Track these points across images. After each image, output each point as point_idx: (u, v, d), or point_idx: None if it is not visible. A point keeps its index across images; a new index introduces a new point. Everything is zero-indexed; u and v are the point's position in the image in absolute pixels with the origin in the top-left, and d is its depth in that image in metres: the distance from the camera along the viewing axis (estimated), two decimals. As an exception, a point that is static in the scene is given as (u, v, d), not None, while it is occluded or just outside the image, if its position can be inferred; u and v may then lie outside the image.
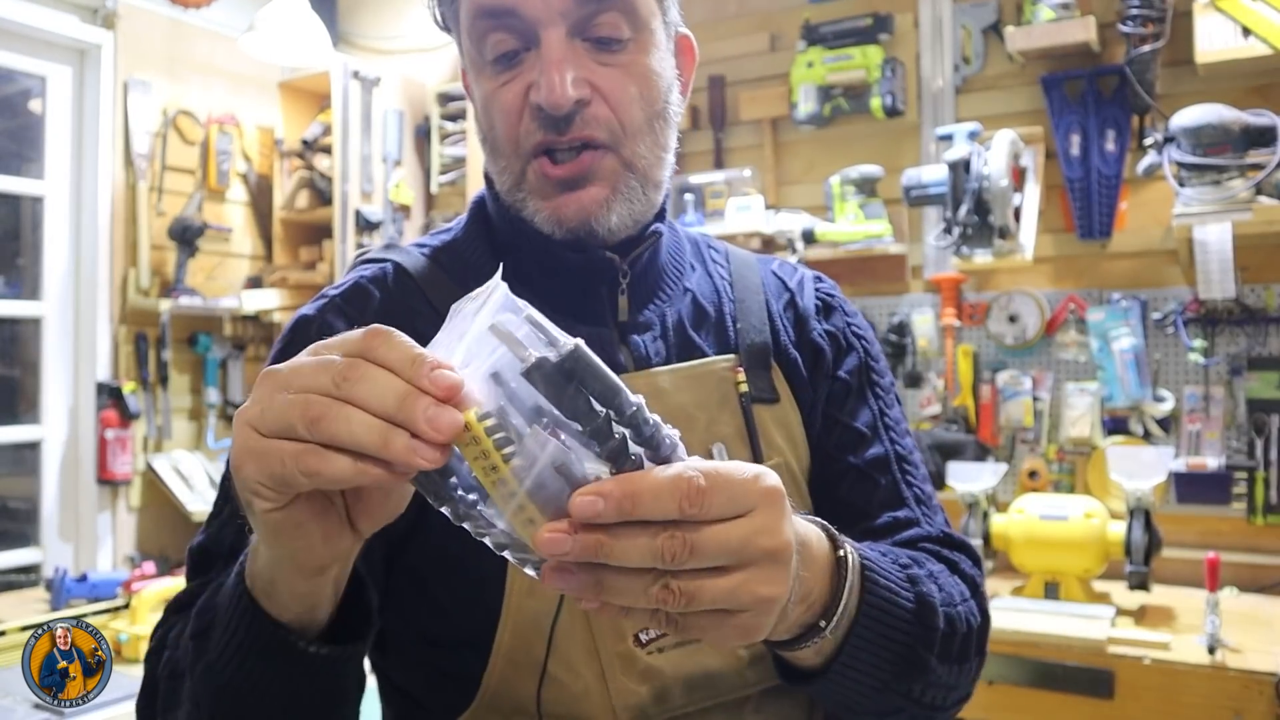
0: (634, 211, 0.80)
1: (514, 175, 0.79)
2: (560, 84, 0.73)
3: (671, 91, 0.82)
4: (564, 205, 0.77)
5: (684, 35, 0.86)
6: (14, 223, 2.94)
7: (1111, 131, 2.43)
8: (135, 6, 2.99)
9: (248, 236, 3.32)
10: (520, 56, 0.76)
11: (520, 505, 0.47)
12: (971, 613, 0.78)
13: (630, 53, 0.77)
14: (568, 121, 0.75)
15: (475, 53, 0.79)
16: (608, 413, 0.47)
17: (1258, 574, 2.25)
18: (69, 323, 2.96)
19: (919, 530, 0.85)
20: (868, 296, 2.75)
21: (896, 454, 0.88)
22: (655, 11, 0.79)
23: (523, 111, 0.76)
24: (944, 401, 2.62)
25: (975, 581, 0.82)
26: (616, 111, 0.77)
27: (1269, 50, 2.13)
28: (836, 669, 0.66)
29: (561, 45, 0.74)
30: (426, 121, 3.41)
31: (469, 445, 0.47)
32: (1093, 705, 1.86)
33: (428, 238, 0.90)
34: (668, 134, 0.82)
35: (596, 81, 0.76)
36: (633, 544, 0.47)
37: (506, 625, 0.75)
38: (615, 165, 0.78)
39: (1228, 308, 2.28)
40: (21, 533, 2.91)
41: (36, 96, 2.94)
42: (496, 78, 0.78)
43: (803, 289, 0.94)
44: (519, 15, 0.74)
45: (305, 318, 0.82)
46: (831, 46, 2.74)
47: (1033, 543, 2.13)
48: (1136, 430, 2.39)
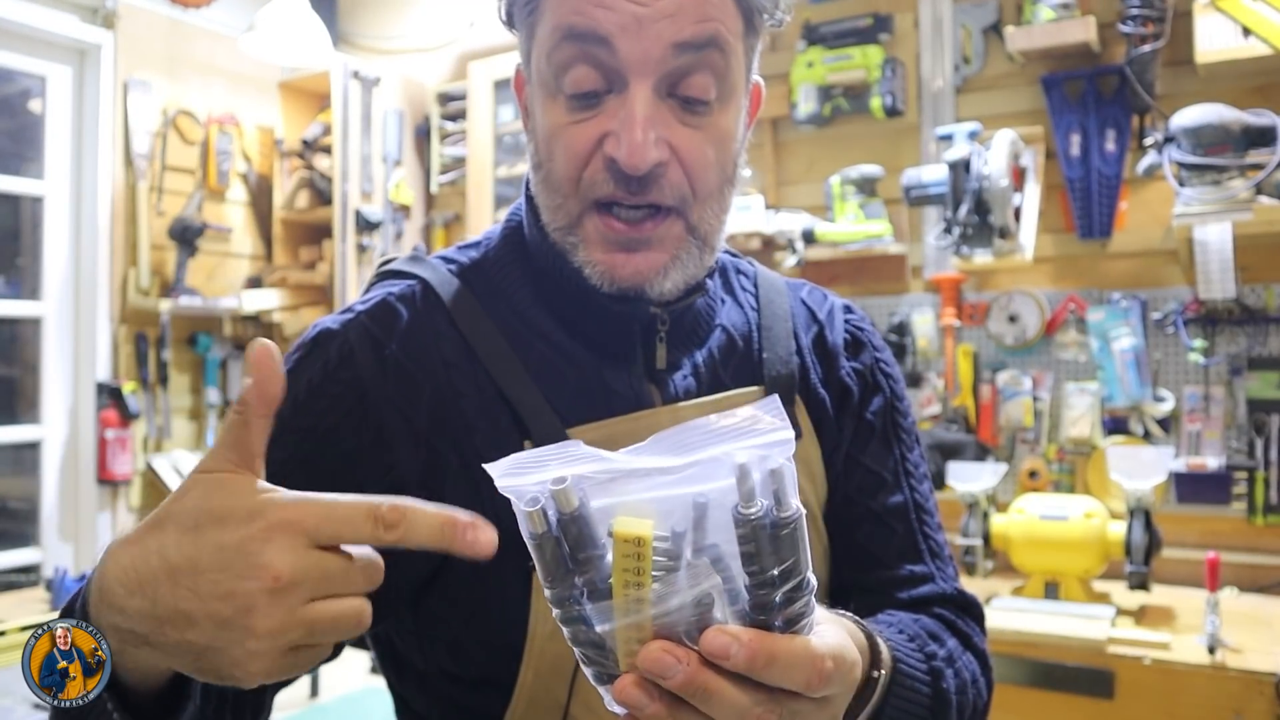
0: (688, 276, 0.76)
1: (569, 218, 0.75)
2: (644, 145, 0.69)
3: (741, 152, 0.78)
4: (621, 266, 0.73)
5: (756, 84, 0.81)
6: (14, 223, 2.94)
7: (1111, 131, 2.43)
8: (135, 6, 2.99)
9: (248, 236, 3.32)
10: (601, 100, 0.71)
11: (639, 624, 0.46)
12: (980, 694, 0.79)
13: (714, 115, 0.73)
14: (641, 183, 0.71)
15: (550, 78, 0.73)
16: (775, 577, 0.47)
17: (1258, 574, 2.25)
18: (69, 323, 2.96)
19: (934, 588, 0.85)
20: (868, 296, 2.75)
21: (915, 502, 0.88)
22: (743, 71, 0.75)
23: (592, 158, 0.72)
24: (944, 401, 2.62)
25: (985, 655, 0.83)
26: (691, 178, 0.72)
27: (1269, 50, 2.13)
28: None
29: (649, 101, 0.70)
30: (426, 121, 3.41)
31: (627, 552, 0.46)
32: (1093, 705, 1.86)
33: (455, 252, 0.86)
34: (732, 196, 0.78)
35: (676, 144, 0.71)
36: (735, 699, 0.47)
37: (529, 666, 0.74)
38: (680, 232, 0.74)
39: (1228, 308, 2.28)
40: (21, 533, 2.91)
41: (36, 96, 2.94)
42: (569, 114, 0.72)
43: (832, 321, 0.91)
44: (612, 47, 0.69)
45: (329, 332, 0.78)
46: (831, 46, 2.74)
47: (1033, 543, 2.13)
48: (1136, 430, 2.39)
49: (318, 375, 0.76)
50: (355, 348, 0.77)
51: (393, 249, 3.29)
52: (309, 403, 0.75)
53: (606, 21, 0.68)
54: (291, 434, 0.73)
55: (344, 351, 0.76)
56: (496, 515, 0.74)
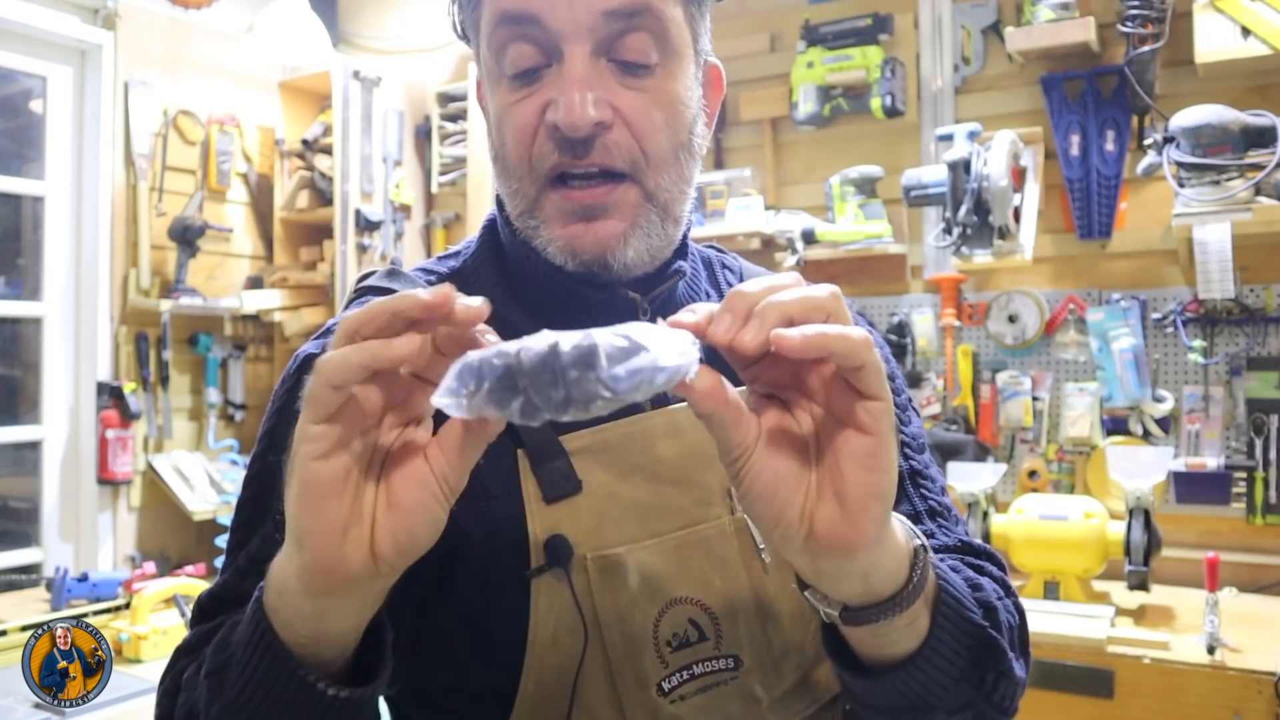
0: (652, 246, 0.75)
1: (527, 200, 0.75)
2: (580, 103, 0.68)
3: (697, 122, 0.77)
4: (579, 236, 0.73)
5: (713, 65, 0.82)
6: (14, 223, 2.94)
7: (1111, 131, 2.43)
8: (135, 6, 2.99)
9: (248, 236, 3.33)
10: (540, 73, 0.72)
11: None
12: (1009, 611, 0.76)
13: (657, 79, 0.73)
14: (585, 145, 0.70)
15: (494, 64, 0.74)
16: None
17: (1257, 574, 2.25)
18: (69, 323, 2.97)
19: (935, 542, 0.83)
20: (868, 296, 2.75)
21: (911, 469, 0.86)
22: (686, 39, 0.75)
23: (538, 131, 0.72)
24: (944, 401, 2.62)
25: (1006, 583, 0.81)
26: (640, 139, 0.72)
27: (1269, 50, 2.14)
28: (923, 654, 0.63)
29: (584, 63, 0.70)
30: (427, 121, 3.41)
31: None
32: (1093, 705, 1.86)
33: (434, 263, 0.86)
34: (692, 166, 0.77)
35: (619, 105, 0.71)
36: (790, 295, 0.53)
37: (530, 678, 0.73)
38: (636, 197, 0.73)
39: (1227, 308, 2.28)
40: (22, 533, 2.91)
41: (37, 96, 2.94)
42: (513, 93, 0.73)
43: None
44: (542, 24, 0.70)
45: (313, 358, 0.77)
46: (831, 46, 2.74)
47: (1033, 543, 2.14)
48: (1136, 430, 2.40)
49: None
50: None
51: (393, 249, 3.29)
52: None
53: (536, 1, 0.70)
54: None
55: None
56: (495, 523, 0.74)
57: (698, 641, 0.76)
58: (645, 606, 0.74)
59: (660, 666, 0.74)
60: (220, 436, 3.19)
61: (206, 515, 2.96)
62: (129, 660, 2.12)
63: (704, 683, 0.75)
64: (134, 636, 2.14)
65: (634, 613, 0.74)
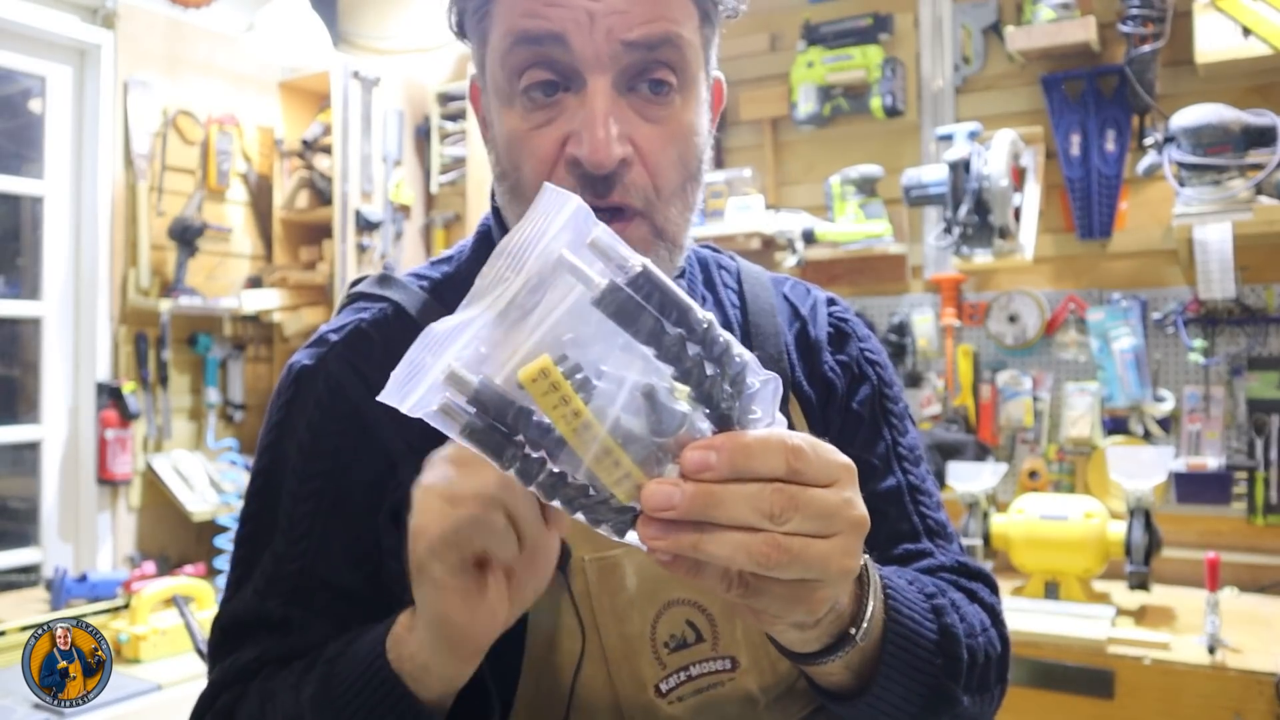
0: None
1: None
2: (605, 141, 0.68)
3: (705, 148, 0.78)
4: None
5: (716, 79, 0.81)
6: (14, 223, 2.94)
7: (1111, 131, 2.43)
8: (135, 6, 2.99)
9: (248, 236, 3.32)
10: (557, 97, 0.70)
11: (605, 448, 0.46)
12: (991, 642, 0.77)
13: (674, 109, 0.72)
14: (607, 183, 0.70)
15: (505, 83, 0.72)
16: (680, 333, 0.46)
17: (1258, 574, 2.25)
18: (69, 323, 2.96)
19: (933, 561, 0.83)
20: (868, 296, 2.75)
21: (909, 484, 0.86)
22: (700, 62, 0.74)
23: (558, 162, 0.71)
24: (944, 401, 2.62)
25: (995, 609, 0.81)
26: (654, 176, 0.72)
27: (1269, 50, 2.14)
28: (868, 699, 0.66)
29: (608, 96, 0.69)
30: (426, 121, 3.41)
31: (544, 390, 0.45)
32: (1093, 705, 1.86)
33: (428, 268, 0.85)
34: (697, 194, 0.77)
35: (637, 140, 0.71)
36: (742, 496, 0.47)
37: (528, 679, 0.74)
38: (646, 234, 0.73)
39: (1228, 308, 2.28)
40: (21, 533, 2.91)
41: (36, 96, 2.94)
42: (528, 116, 0.71)
43: (815, 316, 0.90)
44: (566, 44, 0.68)
45: (308, 368, 0.78)
46: (831, 46, 2.74)
47: (1033, 543, 2.13)
48: (1136, 430, 2.40)
49: (316, 414, 0.76)
50: (341, 380, 0.76)
51: (393, 249, 3.29)
52: (317, 444, 0.76)
53: (559, 19, 0.68)
54: (312, 480, 0.75)
55: (332, 385, 0.77)
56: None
57: (695, 643, 0.76)
58: (643, 608, 0.75)
59: (658, 668, 0.75)
60: (220, 436, 3.19)
61: (206, 515, 2.95)
62: (129, 660, 2.12)
63: (701, 684, 0.76)
64: (134, 637, 2.14)
65: (632, 614, 0.74)
